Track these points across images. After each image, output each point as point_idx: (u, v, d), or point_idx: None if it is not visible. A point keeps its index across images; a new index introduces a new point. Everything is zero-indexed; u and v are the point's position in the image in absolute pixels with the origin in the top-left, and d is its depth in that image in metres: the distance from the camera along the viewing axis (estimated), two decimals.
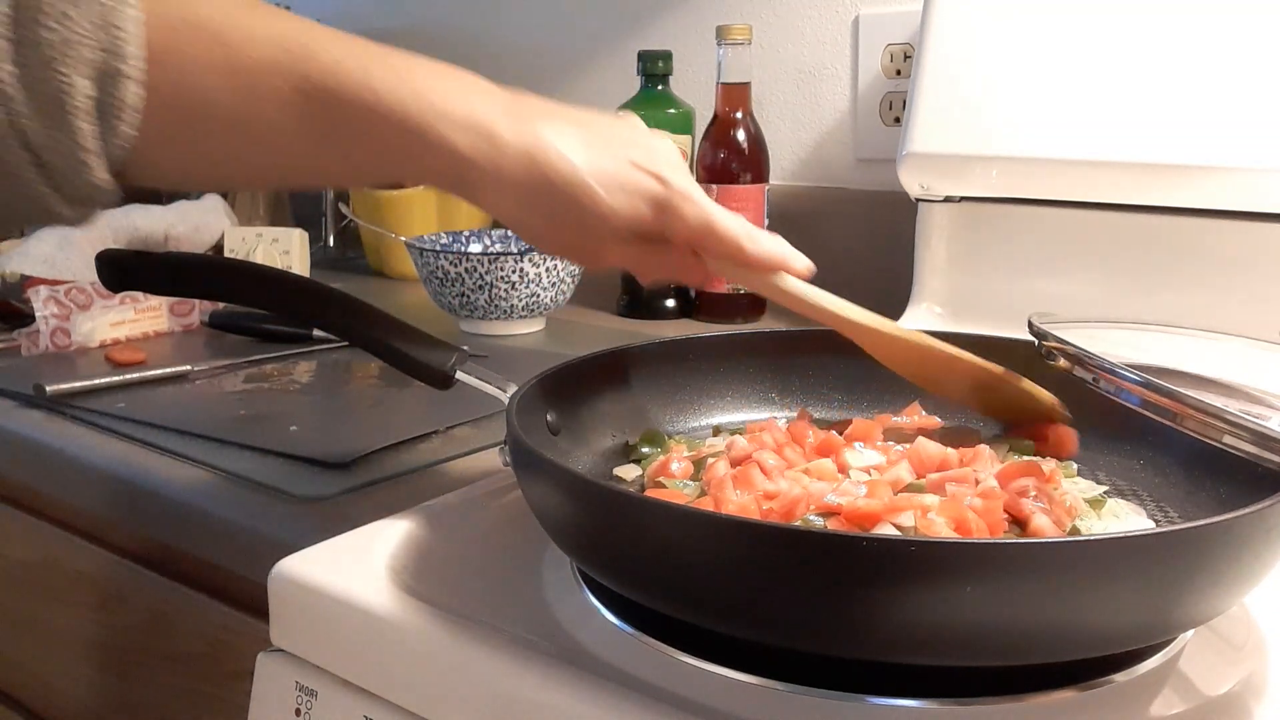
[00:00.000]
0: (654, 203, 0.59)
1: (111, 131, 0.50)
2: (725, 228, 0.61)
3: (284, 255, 1.30)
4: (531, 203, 0.57)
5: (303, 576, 0.57)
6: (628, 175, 0.58)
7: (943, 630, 0.42)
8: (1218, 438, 0.49)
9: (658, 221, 0.60)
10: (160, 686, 0.85)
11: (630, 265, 0.63)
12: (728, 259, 0.62)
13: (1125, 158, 0.91)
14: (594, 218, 0.58)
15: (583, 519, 0.50)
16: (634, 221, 0.59)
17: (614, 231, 0.59)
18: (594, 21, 1.47)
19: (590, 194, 0.57)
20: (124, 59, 0.49)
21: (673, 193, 0.59)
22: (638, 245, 0.61)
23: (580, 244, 0.60)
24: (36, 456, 0.87)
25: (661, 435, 0.69)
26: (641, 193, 0.59)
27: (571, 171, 0.57)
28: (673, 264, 0.63)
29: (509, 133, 0.56)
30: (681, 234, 0.60)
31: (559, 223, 0.58)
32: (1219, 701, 0.47)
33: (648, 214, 0.59)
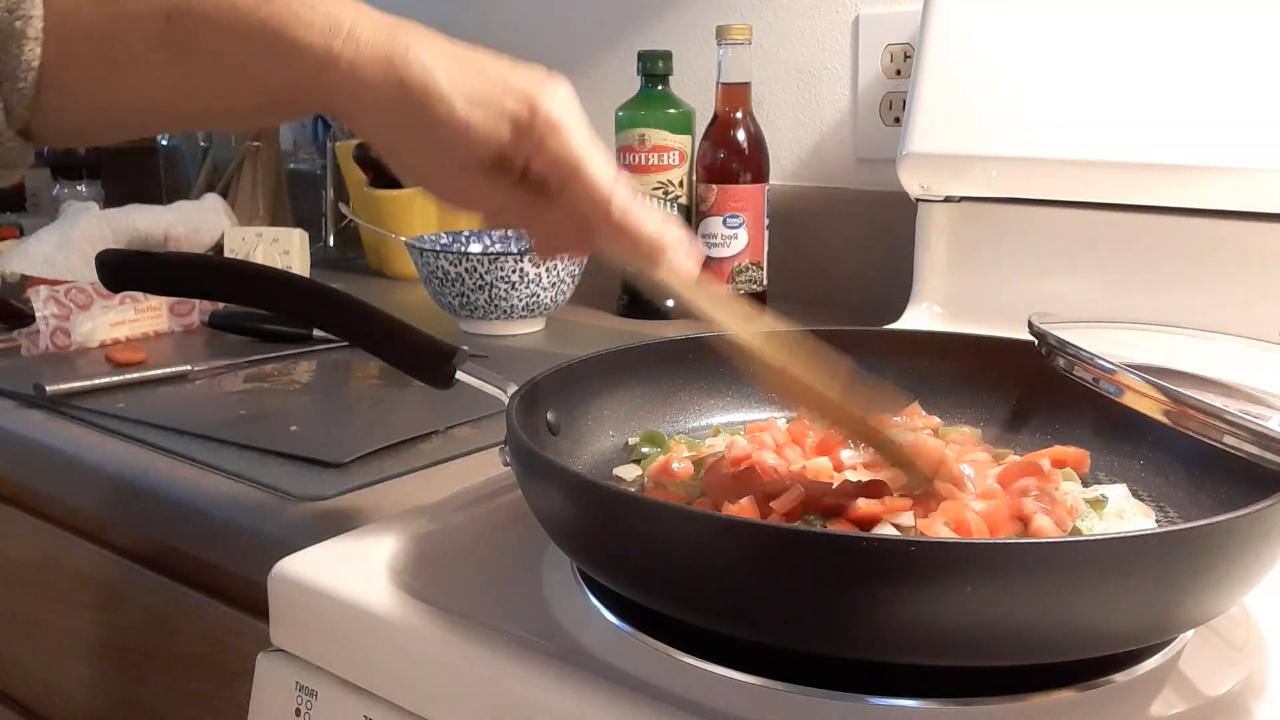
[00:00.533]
0: (516, 125, 0.54)
1: (15, 91, 0.51)
2: (594, 175, 0.54)
3: (284, 255, 1.30)
4: (387, 112, 0.54)
5: (303, 576, 0.57)
6: (493, 92, 0.54)
7: (943, 630, 0.42)
8: (1218, 438, 0.49)
9: (517, 147, 0.54)
10: (160, 686, 0.85)
11: (501, 210, 0.57)
12: (592, 217, 0.55)
13: (1125, 158, 0.91)
14: (449, 132, 0.53)
15: (583, 519, 0.50)
16: (492, 142, 0.54)
17: (472, 155, 0.54)
18: (594, 21, 1.47)
19: (446, 103, 0.53)
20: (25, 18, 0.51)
21: (539, 119, 0.54)
22: (505, 184, 0.56)
23: (437, 165, 0.55)
24: (36, 456, 0.87)
25: (661, 435, 0.69)
26: (505, 112, 0.54)
27: (427, 76, 0.53)
28: (551, 219, 0.56)
29: (369, 36, 0.53)
30: (543, 168, 0.54)
31: (414, 137, 0.54)
32: (1219, 701, 0.47)
33: (507, 136, 0.54)
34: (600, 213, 0.55)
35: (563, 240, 0.58)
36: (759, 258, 1.19)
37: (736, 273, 1.18)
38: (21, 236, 1.34)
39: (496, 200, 0.56)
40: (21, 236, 1.34)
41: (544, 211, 0.56)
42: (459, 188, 0.56)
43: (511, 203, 0.56)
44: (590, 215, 0.55)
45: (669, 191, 1.21)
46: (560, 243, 0.58)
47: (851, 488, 0.56)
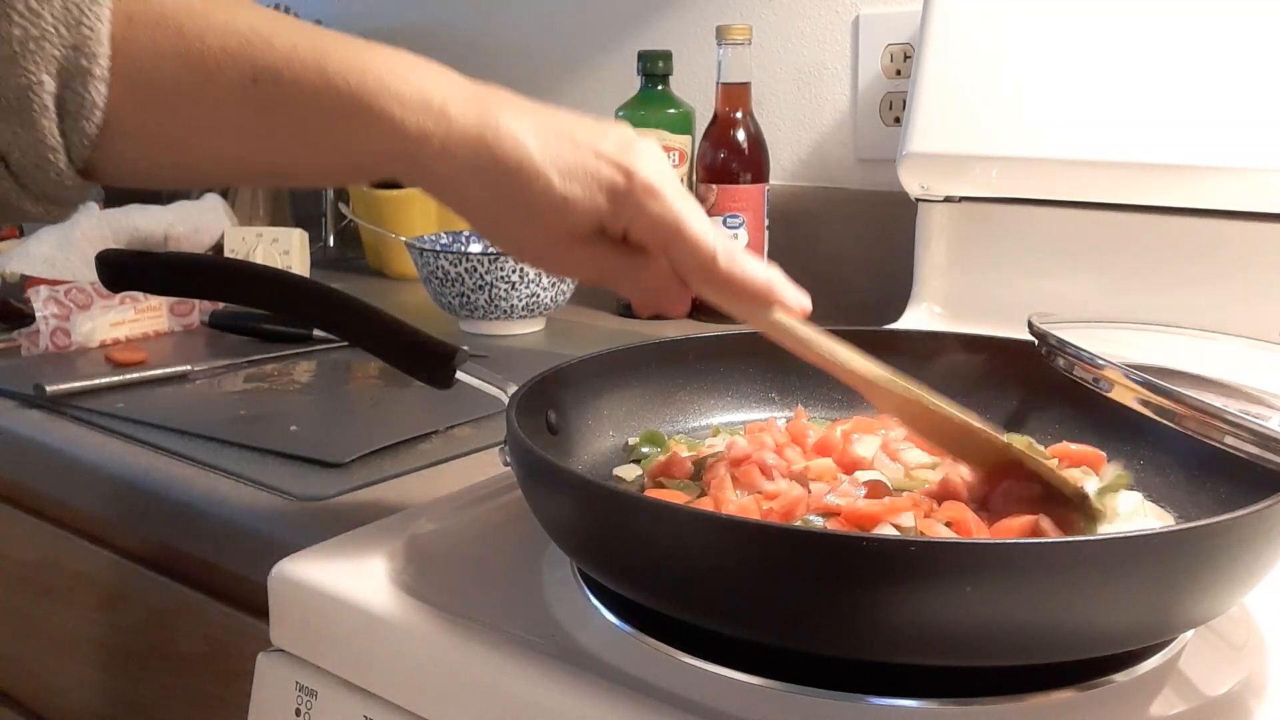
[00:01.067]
0: (613, 194, 0.54)
1: (77, 130, 0.50)
2: (696, 233, 0.54)
3: (284, 255, 1.30)
4: (481, 188, 0.54)
5: (303, 576, 0.57)
6: (587, 163, 0.54)
7: (943, 630, 0.42)
8: (1218, 438, 0.49)
9: (616, 215, 0.54)
10: (160, 686, 0.85)
11: (601, 275, 0.57)
12: (699, 276, 0.56)
13: (1125, 158, 0.91)
14: (546, 207, 0.53)
15: (583, 519, 0.50)
16: (591, 213, 0.54)
17: (571, 227, 0.54)
18: (594, 21, 1.47)
19: (542, 179, 0.53)
20: (92, 57, 0.49)
21: (635, 184, 0.54)
22: (605, 250, 0.56)
23: (536, 239, 0.56)
24: (36, 456, 0.87)
25: (661, 435, 0.69)
26: (601, 182, 0.54)
27: (521, 152, 0.53)
28: (650, 280, 0.57)
29: (459, 112, 0.53)
30: (643, 232, 0.55)
31: (510, 213, 0.54)
32: (1219, 701, 0.47)
33: (605, 206, 0.54)
34: (706, 269, 0.55)
35: (664, 297, 0.58)
36: (759, 258, 1.19)
37: None
38: (21, 236, 1.34)
39: (597, 266, 0.56)
40: (21, 236, 1.34)
41: (644, 271, 0.56)
42: (559, 258, 0.56)
43: (612, 267, 0.56)
44: (695, 272, 0.55)
45: None
46: (662, 299, 0.58)
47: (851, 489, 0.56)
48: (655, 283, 0.57)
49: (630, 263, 0.56)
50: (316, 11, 1.65)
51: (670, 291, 0.57)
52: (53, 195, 0.52)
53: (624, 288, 0.58)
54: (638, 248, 0.56)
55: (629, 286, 0.58)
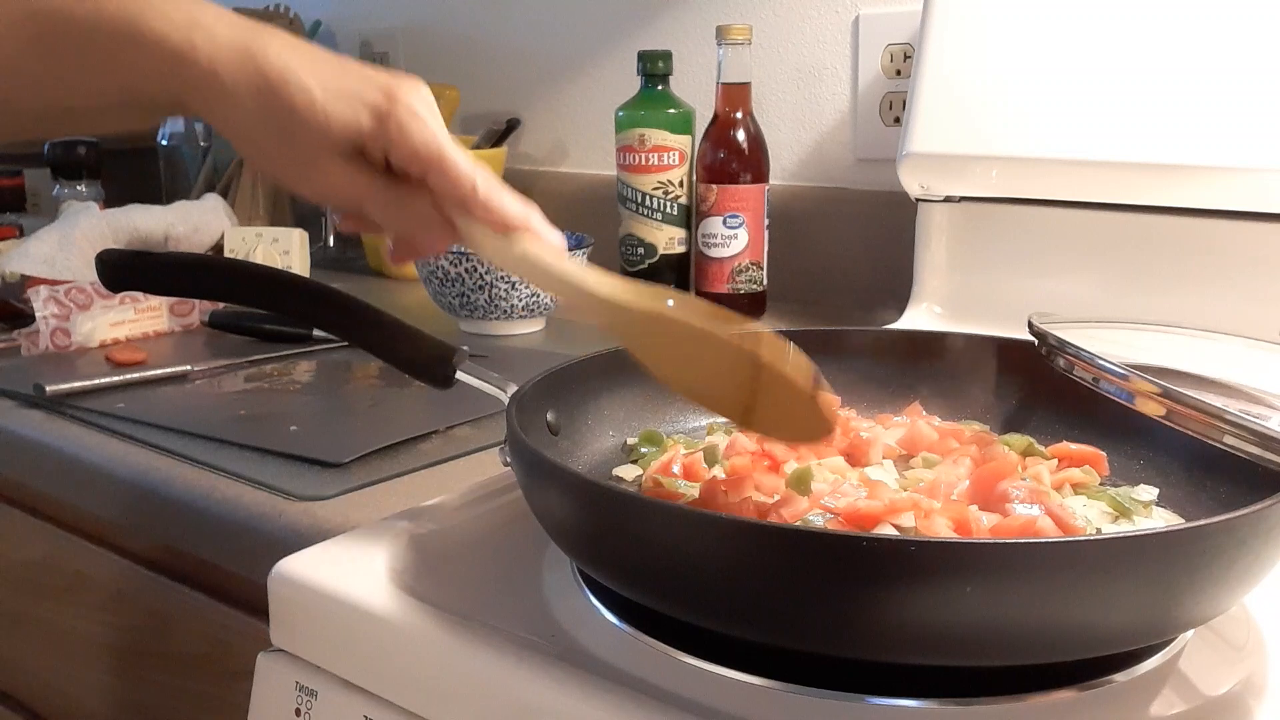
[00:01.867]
0: (375, 114, 0.55)
1: None
2: (456, 161, 0.55)
3: (284, 255, 1.30)
4: (247, 104, 0.54)
5: (303, 576, 0.57)
6: (352, 83, 0.55)
7: (943, 630, 0.42)
8: (1218, 438, 0.49)
9: (377, 134, 0.55)
10: (160, 686, 0.85)
11: (360, 198, 0.57)
12: (459, 200, 0.56)
13: (1125, 158, 0.91)
14: (309, 120, 0.54)
15: (583, 519, 0.50)
16: (351, 130, 0.55)
17: (332, 143, 0.55)
18: (594, 21, 1.47)
19: (305, 92, 0.54)
20: None
21: (399, 107, 0.55)
22: (366, 172, 0.56)
23: (298, 156, 0.56)
24: (36, 456, 0.87)
25: (661, 435, 0.69)
26: (364, 101, 0.55)
27: (286, 68, 0.54)
28: (412, 212, 0.57)
29: (227, 31, 0.54)
30: (404, 155, 0.55)
31: (275, 128, 0.55)
32: (1219, 701, 0.47)
33: (367, 124, 0.55)
34: (466, 194, 0.56)
35: (424, 233, 0.58)
36: (759, 258, 1.19)
37: (736, 273, 1.18)
38: (21, 236, 1.34)
39: (357, 189, 0.57)
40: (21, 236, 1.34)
41: (405, 203, 0.57)
42: (319, 178, 0.56)
43: (373, 193, 0.57)
44: (455, 198, 0.56)
45: (669, 191, 1.21)
46: (422, 236, 0.59)
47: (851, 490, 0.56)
48: (414, 214, 0.57)
49: (390, 191, 0.57)
50: (317, 12, 1.66)
51: (429, 226, 0.58)
52: None
53: (383, 216, 0.58)
54: (399, 177, 0.57)
55: (388, 215, 0.58)
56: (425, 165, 0.56)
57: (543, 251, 0.57)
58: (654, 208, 1.21)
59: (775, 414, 0.55)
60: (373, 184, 0.57)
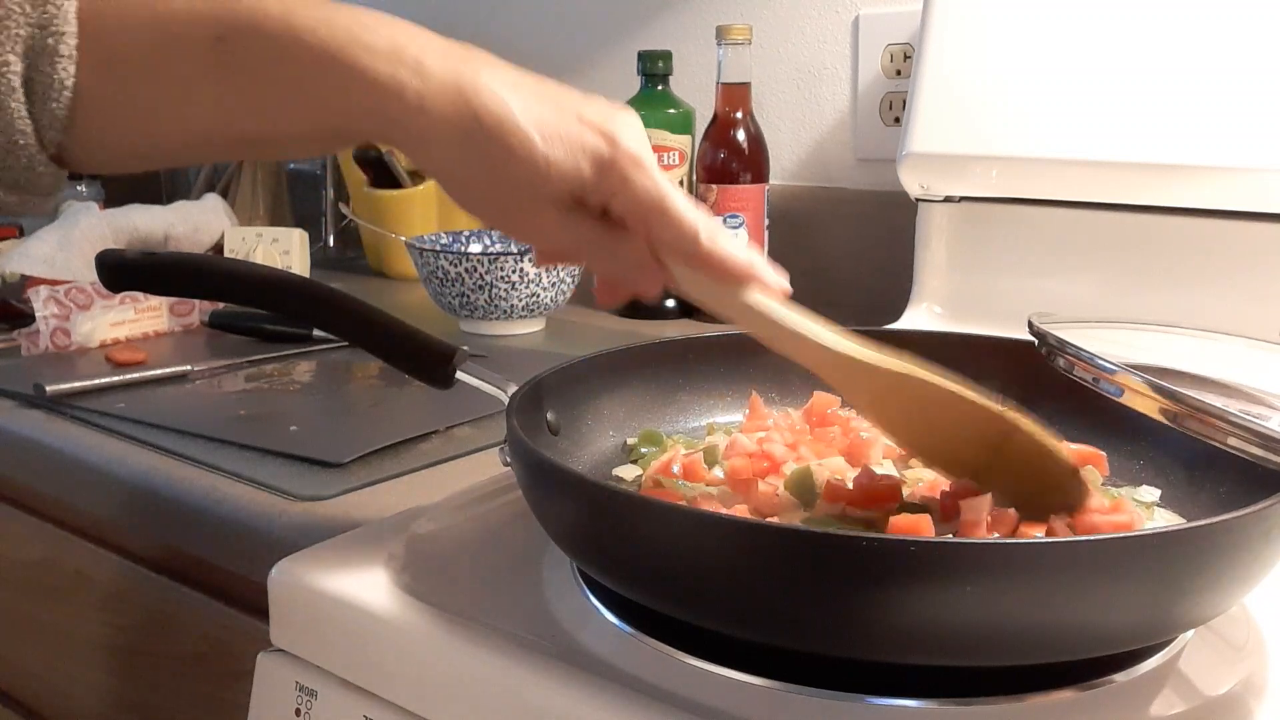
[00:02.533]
0: (597, 162, 0.52)
1: (46, 111, 0.49)
2: (679, 210, 0.52)
3: (284, 255, 1.30)
4: (458, 147, 0.51)
5: (303, 576, 0.57)
6: (571, 127, 0.52)
7: (943, 630, 0.42)
8: (1219, 438, 0.49)
9: (599, 185, 0.52)
10: (160, 686, 0.85)
11: (576, 247, 0.55)
12: (680, 252, 0.53)
13: (1125, 158, 0.91)
14: (527, 168, 0.51)
15: (583, 519, 0.50)
16: (572, 180, 0.52)
17: (551, 192, 0.52)
18: (594, 21, 1.47)
19: (524, 138, 0.50)
20: (59, 35, 0.48)
21: (620, 154, 0.52)
22: (582, 220, 0.53)
23: (512, 203, 0.53)
24: (36, 456, 0.87)
25: (660, 435, 0.69)
26: (585, 148, 0.52)
27: (503, 110, 0.50)
28: (625, 256, 0.54)
29: (436, 65, 0.51)
30: (626, 205, 0.52)
31: (488, 173, 0.52)
32: (1219, 701, 0.47)
33: (588, 173, 0.52)
34: (689, 246, 0.53)
35: (639, 275, 0.55)
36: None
37: None
38: (21, 236, 1.34)
39: (572, 237, 0.54)
40: (21, 236, 1.34)
41: (619, 248, 0.54)
42: (533, 225, 0.54)
43: (587, 240, 0.54)
44: (677, 249, 0.53)
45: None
46: (637, 278, 0.56)
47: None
48: (630, 259, 0.54)
49: (606, 237, 0.54)
50: None
51: (645, 270, 0.55)
52: (25, 183, 0.51)
53: (598, 263, 0.56)
54: (614, 221, 0.54)
55: (603, 262, 0.55)
56: (647, 215, 0.53)
57: (771, 304, 0.55)
58: None
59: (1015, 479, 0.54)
60: (587, 231, 0.54)
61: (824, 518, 0.55)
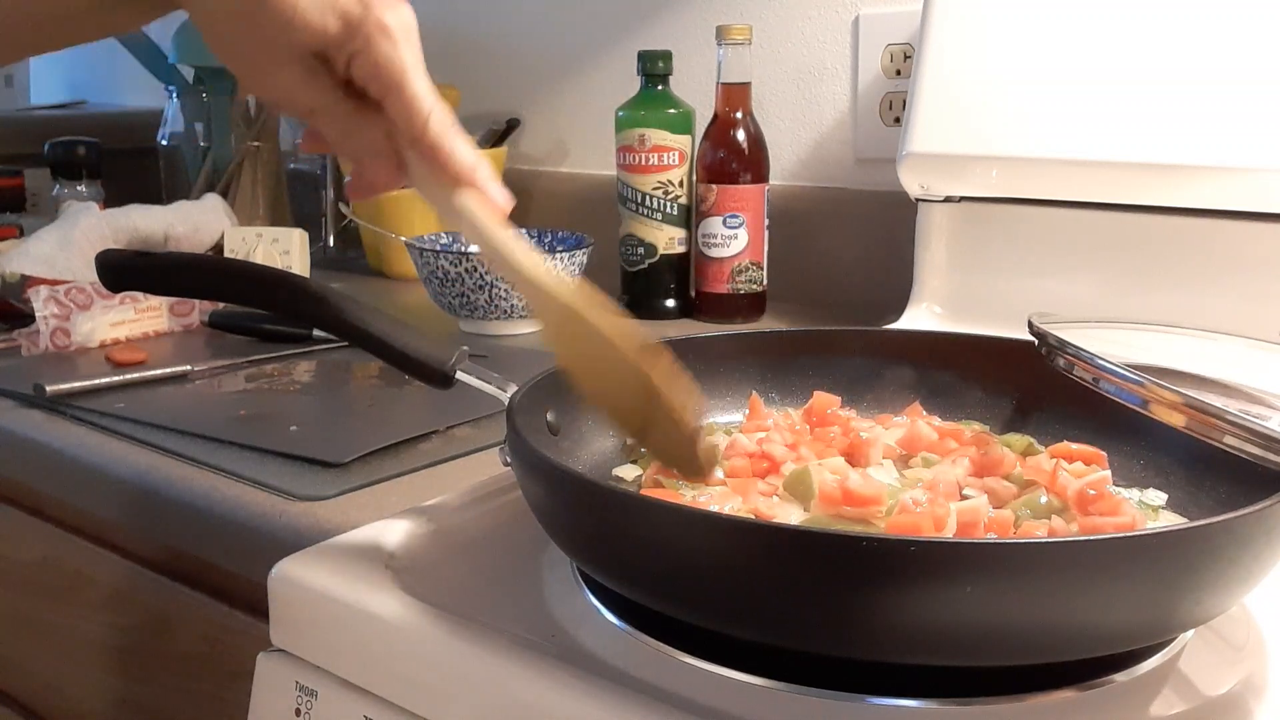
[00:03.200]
0: (345, 20, 0.52)
1: None
2: (416, 89, 0.53)
3: (284, 255, 1.30)
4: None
5: (303, 576, 0.57)
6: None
7: (943, 630, 0.42)
8: (1219, 438, 0.49)
9: (343, 42, 0.52)
10: (160, 686, 0.85)
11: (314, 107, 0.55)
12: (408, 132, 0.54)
13: (1125, 158, 0.91)
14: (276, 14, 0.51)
15: (583, 519, 0.50)
16: (317, 31, 0.52)
17: (295, 42, 0.52)
18: (594, 21, 1.47)
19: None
20: None
21: (371, 18, 0.52)
22: (325, 83, 0.53)
23: (259, 52, 0.53)
24: (36, 456, 0.87)
25: None
26: (336, 5, 0.52)
27: None
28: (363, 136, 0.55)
29: None
30: (365, 70, 0.53)
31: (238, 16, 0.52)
32: (1219, 701, 0.47)
33: (334, 29, 0.52)
34: (418, 128, 0.54)
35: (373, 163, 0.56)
36: (759, 258, 1.19)
37: (736, 273, 1.18)
38: (21, 236, 1.34)
39: (313, 97, 0.54)
40: (21, 236, 1.34)
41: (359, 125, 0.55)
42: (277, 78, 0.54)
43: (328, 104, 0.54)
44: (407, 130, 0.54)
45: (669, 191, 1.21)
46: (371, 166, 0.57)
47: None
48: (366, 140, 0.55)
49: (344, 106, 0.54)
50: None
51: (379, 156, 0.56)
52: None
53: (334, 134, 0.56)
54: (358, 96, 0.54)
55: (339, 134, 0.56)
56: (385, 86, 0.53)
57: (482, 212, 0.55)
58: (654, 208, 1.21)
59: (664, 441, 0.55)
60: (328, 95, 0.54)
61: (823, 518, 0.55)
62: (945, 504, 0.53)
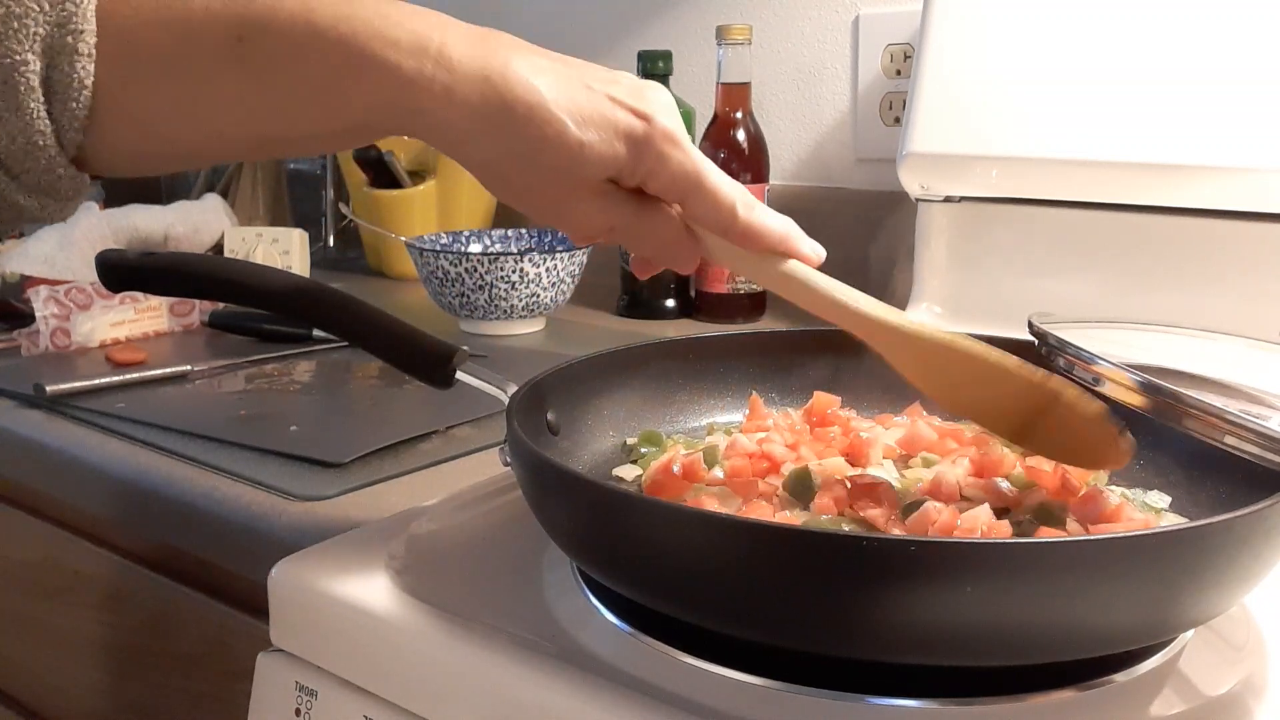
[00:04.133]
0: (632, 142, 0.52)
1: (66, 112, 0.48)
2: (716, 184, 0.53)
3: (284, 255, 1.30)
4: (490, 138, 0.51)
5: (303, 576, 0.57)
6: (603, 108, 0.51)
7: (943, 630, 0.42)
8: (1218, 438, 0.49)
9: (636, 165, 0.52)
10: (160, 686, 0.85)
11: (613, 228, 0.55)
12: (718, 227, 0.54)
13: (1125, 158, 0.91)
14: (562, 154, 0.51)
15: (583, 519, 0.50)
16: (609, 162, 0.52)
17: (586, 176, 0.52)
18: (594, 21, 1.47)
19: (556, 124, 0.50)
20: (78, 33, 0.47)
21: (655, 132, 0.52)
22: (618, 201, 0.54)
23: (547, 190, 0.53)
24: (36, 456, 0.87)
25: (660, 435, 0.69)
26: (619, 129, 0.51)
27: (534, 96, 0.50)
28: (662, 235, 0.55)
29: (462, 55, 0.50)
30: (663, 182, 0.53)
31: (521, 162, 0.51)
32: (1219, 701, 0.47)
33: (624, 154, 0.52)
34: (726, 219, 0.54)
35: (676, 250, 0.56)
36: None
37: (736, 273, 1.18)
38: (21, 237, 1.34)
39: (608, 218, 0.54)
40: (21, 237, 1.34)
41: (656, 226, 0.55)
42: (570, 209, 0.54)
43: (625, 219, 0.54)
44: (714, 223, 0.54)
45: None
46: (674, 253, 0.57)
47: None
48: (667, 235, 0.55)
49: (643, 215, 0.54)
50: None
51: (681, 245, 0.56)
52: (46, 187, 0.50)
53: (635, 242, 0.56)
54: (649, 198, 0.54)
55: (640, 240, 0.56)
56: (683, 193, 0.53)
57: (809, 273, 0.56)
58: None
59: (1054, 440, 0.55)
60: (624, 211, 0.54)
61: (823, 518, 0.55)
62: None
